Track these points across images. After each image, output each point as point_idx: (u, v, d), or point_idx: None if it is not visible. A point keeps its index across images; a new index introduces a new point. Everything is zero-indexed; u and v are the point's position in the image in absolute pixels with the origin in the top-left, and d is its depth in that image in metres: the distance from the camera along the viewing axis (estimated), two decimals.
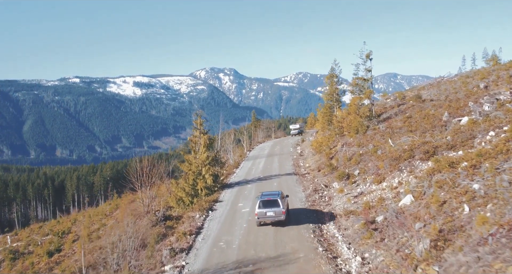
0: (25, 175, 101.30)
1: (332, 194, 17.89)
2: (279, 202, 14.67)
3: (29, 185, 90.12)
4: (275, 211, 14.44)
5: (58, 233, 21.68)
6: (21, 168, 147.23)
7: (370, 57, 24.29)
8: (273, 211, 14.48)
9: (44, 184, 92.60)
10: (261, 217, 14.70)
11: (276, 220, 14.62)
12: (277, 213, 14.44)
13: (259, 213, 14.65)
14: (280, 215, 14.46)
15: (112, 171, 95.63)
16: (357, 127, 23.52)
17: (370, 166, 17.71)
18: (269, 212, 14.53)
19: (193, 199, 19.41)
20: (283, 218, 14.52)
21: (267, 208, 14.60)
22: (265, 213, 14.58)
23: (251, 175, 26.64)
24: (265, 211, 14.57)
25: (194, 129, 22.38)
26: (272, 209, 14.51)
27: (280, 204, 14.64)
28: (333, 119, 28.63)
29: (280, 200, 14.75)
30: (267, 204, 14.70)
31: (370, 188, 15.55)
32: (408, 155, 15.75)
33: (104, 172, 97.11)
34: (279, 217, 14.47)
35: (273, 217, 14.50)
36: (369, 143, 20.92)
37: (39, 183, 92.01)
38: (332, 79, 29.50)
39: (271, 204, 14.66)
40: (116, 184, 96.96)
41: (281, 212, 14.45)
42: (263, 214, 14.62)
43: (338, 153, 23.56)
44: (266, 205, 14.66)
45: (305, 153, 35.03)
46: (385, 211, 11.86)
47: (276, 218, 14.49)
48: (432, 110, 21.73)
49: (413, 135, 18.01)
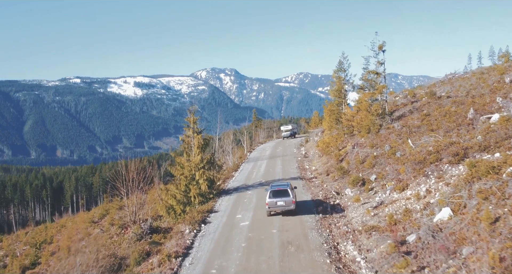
0: (23, 175, 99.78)
1: (346, 203, 15.51)
2: (289, 192, 15.02)
3: (27, 185, 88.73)
4: (285, 200, 14.79)
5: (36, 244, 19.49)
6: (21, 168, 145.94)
7: (383, 49, 21.84)
8: (283, 201, 14.81)
9: (42, 184, 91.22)
10: (272, 207, 14.96)
11: (286, 209, 14.92)
12: (287, 203, 14.81)
13: (270, 203, 14.93)
14: (290, 204, 14.83)
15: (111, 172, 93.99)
16: (369, 126, 21.21)
17: (388, 170, 15.34)
18: (279, 201, 14.84)
19: (186, 208, 16.99)
20: (293, 207, 14.86)
21: (278, 198, 14.91)
22: (276, 202, 14.89)
23: (251, 180, 24.26)
24: (276, 201, 14.87)
25: (187, 128, 19.76)
26: (282, 199, 14.84)
27: (290, 193, 15.01)
28: (341, 117, 26.19)
29: (290, 190, 15.13)
30: (277, 194, 15.04)
31: (391, 196, 13.27)
32: (434, 157, 13.50)
33: (103, 173, 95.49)
34: (289, 206, 14.82)
35: (284, 206, 14.85)
36: (384, 143, 18.59)
37: (37, 184, 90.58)
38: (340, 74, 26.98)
39: (281, 194, 15.01)
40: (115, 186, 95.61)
41: (291, 201, 14.84)
42: (273, 203, 14.90)
43: (349, 154, 21.23)
44: (276, 195, 14.98)
45: (310, 154, 32.56)
46: (417, 228, 9.61)
47: (286, 207, 14.84)
48: (453, 107, 19.51)
49: (435, 135, 15.80)
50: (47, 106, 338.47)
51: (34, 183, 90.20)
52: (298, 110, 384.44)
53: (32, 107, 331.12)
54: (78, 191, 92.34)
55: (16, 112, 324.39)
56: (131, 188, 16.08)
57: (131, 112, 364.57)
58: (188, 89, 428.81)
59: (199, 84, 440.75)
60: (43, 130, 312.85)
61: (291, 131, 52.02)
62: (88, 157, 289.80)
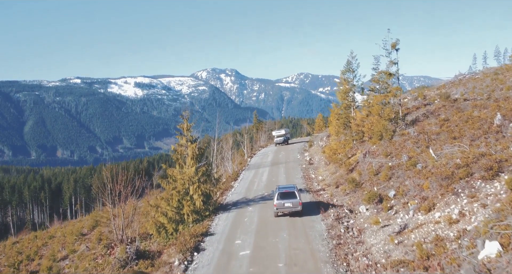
0: (21, 177, 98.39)
1: (362, 224, 13.49)
2: (296, 194, 15.55)
3: (25, 187, 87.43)
4: (293, 202, 15.31)
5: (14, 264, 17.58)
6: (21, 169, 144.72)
7: (396, 48, 19.96)
8: (290, 202, 15.31)
9: (40, 186, 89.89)
10: (280, 208, 15.50)
11: (293, 211, 15.43)
12: (294, 204, 15.34)
13: (278, 204, 15.43)
14: (297, 205, 15.37)
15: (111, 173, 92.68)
16: (381, 132, 19.33)
17: (409, 185, 13.40)
18: (287, 203, 15.32)
19: (178, 227, 15.06)
20: (300, 208, 15.42)
21: (285, 199, 15.36)
22: (283, 204, 15.37)
23: (252, 192, 22.07)
24: (283, 202, 15.34)
25: (180, 136, 17.59)
26: (290, 200, 15.33)
27: (297, 195, 15.50)
28: (350, 122, 24.24)
29: (297, 192, 15.65)
30: (285, 195, 15.49)
31: (415, 218, 11.35)
32: (464, 172, 11.67)
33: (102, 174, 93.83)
34: (296, 208, 15.35)
35: (291, 207, 15.38)
36: (400, 152, 16.73)
37: (36, 186, 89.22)
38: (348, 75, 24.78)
39: (288, 196, 15.46)
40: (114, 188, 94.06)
41: (298, 203, 15.35)
42: (281, 205, 15.41)
43: (360, 164, 19.33)
44: (284, 197, 15.44)
45: (315, 160, 30.51)
46: (457, 266, 7.78)
47: (293, 208, 15.37)
48: (475, 111, 17.68)
49: (460, 144, 13.99)
50: (47, 106, 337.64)
51: (33, 185, 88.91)
52: (298, 111, 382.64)
53: (32, 108, 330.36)
54: (77, 192, 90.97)
55: (16, 112, 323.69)
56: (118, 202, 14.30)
57: (132, 112, 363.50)
58: (189, 90, 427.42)
59: (200, 84, 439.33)
60: (44, 131, 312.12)
61: (284, 136, 46.42)
62: (89, 158, 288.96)
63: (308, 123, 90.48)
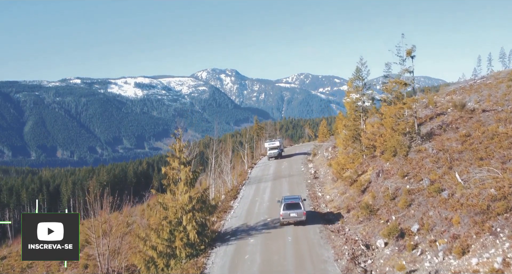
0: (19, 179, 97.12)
1: (383, 267, 11.50)
2: (301, 205, 17.06)
3: (23, 190, 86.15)
4: (297, 212, 16.86)
5: None
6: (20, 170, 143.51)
7: (412, 55, 18.06)
8: (295, 212, 16.86)
9: (38, 189, 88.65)
10: (286, 218, 16.98)
11: (298, 220, 16.94)
12: (299, 214, 16.88)
13: (284, 214, 16.93)
14: (301, 215, 16.91)
15: (109, 176, 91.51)
16: (395, 147, 17.62)
17: (433, 216, 11.61)
18: (292, 213, 16.87)
19: (170, 262, 13.23)
20: (304, 218, 16.96)
21: (291, 210, 16.93)
22: (289, 214, 16.90)
23: (253, 216, 19.94)
24: (289, 213, 16.91)
25: (171, 157, 15.16)
26: (295, 211, 16.89)
27: (301, 206, 17.03)
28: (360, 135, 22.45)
29: (301, 203, 17.17)
30: (290, 206, 17.02)
31: (447, 263, 9.65)
32: (502, 206, 10.05)
33: (101, 176, 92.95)
34: (301, 218, 16.90)
35: (296, 217, 16.90)
36: (418, 172, 14.98)
37: (34, 188, 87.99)
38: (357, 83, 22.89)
39: (293, 207, 16.99)
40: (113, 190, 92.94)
41: (302, 213, 16.92)
42: (287, 215, 16.92)
43: (373, 184, 17.61)
44: (289, 208, 17.00)
45: (321, 173, 28.62)
46: None
47: (298, 218, 16.90)
48: (500, 126, 16.04)
49: (489, 167, 12.32)
50: (47, 107, 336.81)
51: (30, 187, 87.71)
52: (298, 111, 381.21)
53: (32, 108, 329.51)
54: (75, 195, 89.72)
55: (16, 113, 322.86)
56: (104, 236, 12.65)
57: (132, 113, 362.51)
58: (189, 90, 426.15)
59: (200, 85, 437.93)
60: (43, 131, 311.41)
61: (279, 149, 40.22)
62: (89, 158, 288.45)
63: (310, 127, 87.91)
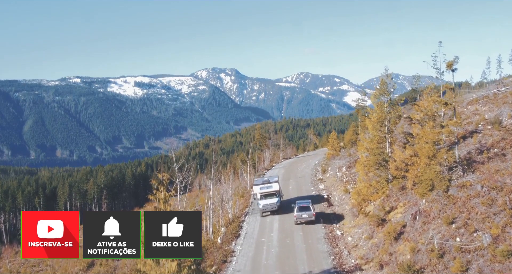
0: (15, 182, 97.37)
1: None
2: (311, 207, 20.95)
3: (19, 192, 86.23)
4: (308, 213, 20.70)
5: None
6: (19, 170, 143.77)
7: (453, 68, 14.66)
8: (307, 214, 20.68)
9: (35, 191, 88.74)
10: (298, 218, 20.75)
11: (309, 220, 20.69)
12: (309, 215, 20.69)
13: (297, 215, 20.75)
14: (311, 216, 20.70)
15: (107, 178, 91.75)
16: (432, 180, 14.16)
17: None
18: (304, 214, 20.69)
19: None
20: (314, 218, 20.71)
21: (303, 212, 20.72)
22: (301, 215, 20.69)
23: (261, 268, 16.07)
24: (301, 214, 20.69)
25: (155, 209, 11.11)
26: (306, 212, 20.71)
27: (311, 208, 20.92)
28: (387, 160, 18.85)
29: (311, 206, 21.04)
30: (302, 209, 20.87)
31: None
32: None
33: (98, 179, 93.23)
34: (311, 218, 20.68)
35: (307, 217, 20.67)
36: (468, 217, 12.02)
37: (30, 191, 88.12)
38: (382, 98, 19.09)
39: (305, 209, 20.81)
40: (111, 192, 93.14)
41: (312, 214, 20.73)
42: (300, 216, 20.72)
43: (409, 229, 14.26)
44: (302, 210, 20.80)
45: (335, 199, 25.61)
46: None
47: (308, 218, 20.67)
48: None
49: None
50: (47, 106, 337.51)
51: (27, 190, 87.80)
52: (298, 111, 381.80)
53: (31, 107, 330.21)
54: (72, 198, 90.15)
55: (15, 112, 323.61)
56: None
57: (131, 112, 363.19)
58: (189, 89, 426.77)
59: (200, 84, 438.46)
60: (43, 131, 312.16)
61: (277, 195, 23.90)
62: (88, 157, 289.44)
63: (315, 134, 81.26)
